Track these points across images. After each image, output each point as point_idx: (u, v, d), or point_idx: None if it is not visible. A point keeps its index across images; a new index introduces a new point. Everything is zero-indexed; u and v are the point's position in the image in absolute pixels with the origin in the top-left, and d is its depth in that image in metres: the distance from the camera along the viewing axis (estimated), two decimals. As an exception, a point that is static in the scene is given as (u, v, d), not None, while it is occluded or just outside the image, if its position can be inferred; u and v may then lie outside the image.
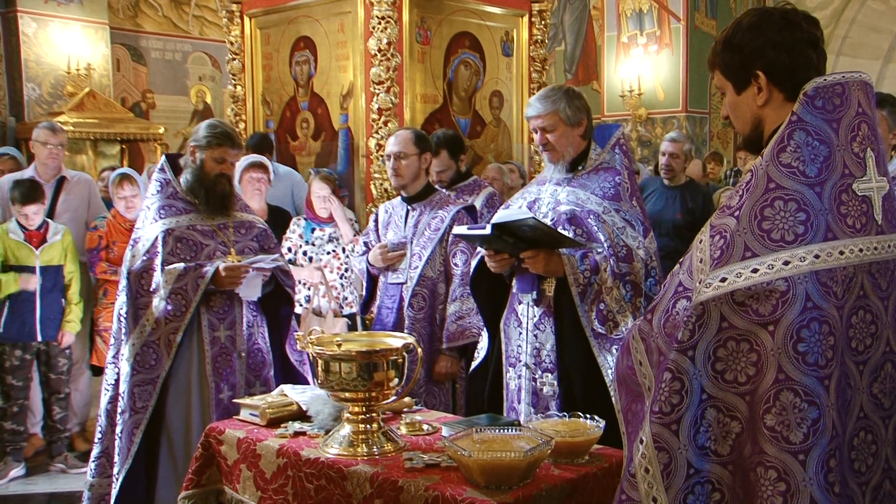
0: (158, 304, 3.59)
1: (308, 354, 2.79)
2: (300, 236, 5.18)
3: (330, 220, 5.20)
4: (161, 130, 10.82)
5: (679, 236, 5.40)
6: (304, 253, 5.15)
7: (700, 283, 1.70)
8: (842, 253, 1.68)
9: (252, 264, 3.68)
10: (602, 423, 2.51)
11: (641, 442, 1.73)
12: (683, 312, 1.71)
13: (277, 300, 3.93)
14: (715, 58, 1.95)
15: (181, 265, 3.61)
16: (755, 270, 1.66)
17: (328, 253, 5.14)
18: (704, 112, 12.24)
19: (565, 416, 2.61)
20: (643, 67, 12.07)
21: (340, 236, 5.21)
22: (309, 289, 5.13)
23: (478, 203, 4.81)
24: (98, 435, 3.78)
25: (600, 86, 13.09)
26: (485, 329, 3.57)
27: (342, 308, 5.17)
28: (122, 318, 3.69)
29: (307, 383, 3.87)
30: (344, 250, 5.18)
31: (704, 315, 1.68)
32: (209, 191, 3.75)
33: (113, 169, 6.71)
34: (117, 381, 3.70)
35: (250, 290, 3.74)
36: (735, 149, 12.35)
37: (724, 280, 1.67)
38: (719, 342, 1.68)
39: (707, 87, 12.21)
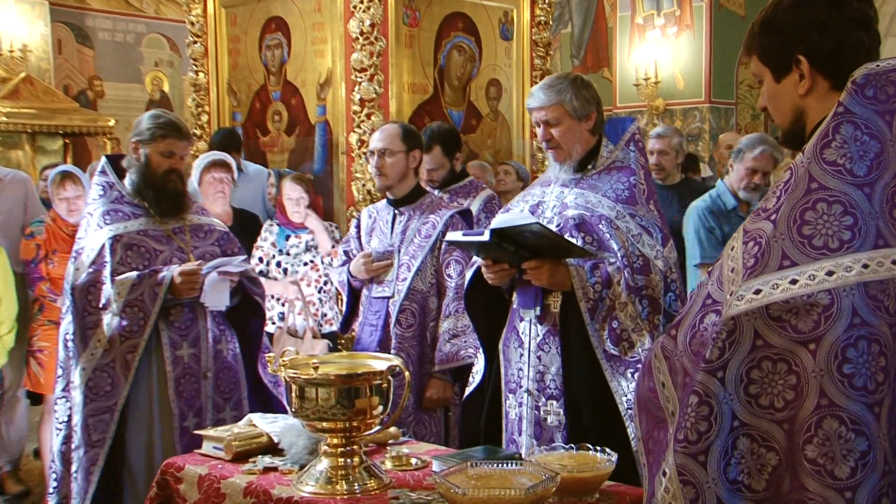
0: (111, 320, 3.58)
1: (282, 378, 2.79)
2: (273, 244, 5.17)
3: (303, 226, 5.20)
4: (111, 123, 10.77)
5: (680, 243, 5.41)
6: (279, 264, 5.14)
7: (731, 295, 1.69)
8: (895, 262, 1.68)
9: (217, 267, 3.69)
10: (614, 457, 2.51)
11: (664, 474, 1.73)
12: (712, 328, 1.70)
13: (246, 312, 3.94)
14: (752, 40, 1.93)
15: (134, 274, 3.61)
16: (794, 281, 1.65)
17: (305, 264, 5.14)
18: (731, 103, 12.26)
19: (572, 448, 2.61)
20: (660, 52, 12.11)
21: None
22: (283, 305, 5.11)
23: (474, 207, 4.82)
24: (53, 483, 3.77)
25: (612, 73, 13.13)
26: (481, 350, 3.58)
27: (321, 326, 5.16)
28: (68, 343, 3.66)
29: (283, 408, 3.87)
30: (324, 261, 5.18)
31: (736, 331, 1.67)
32: (159, 190, 3.75)
33: (55, 167, 6.69)
34: (70, 418, 3.67)
35: (217, 297, 3.74)
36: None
37: (758, 292, 1.66)
38: (753, 362, 1.67)
39: (734, 75, 12.22)
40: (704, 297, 1.78)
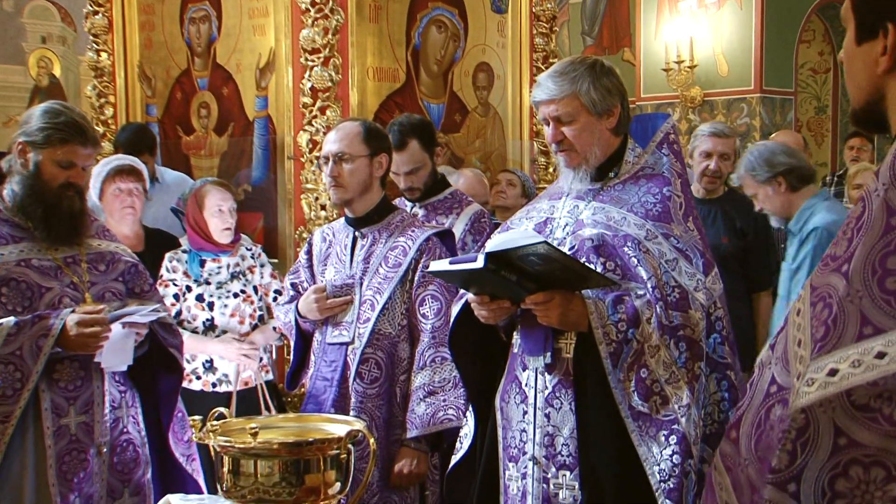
0: None
1: (210, 448, 2.79)
2: (185, 274, 5.13)
3: (230, 247, 5.17)
4: (-17, 117, 10.77)
5: (728, 270, 5.47)
6: (200, 297, 5.11)
7: (799, 378, 1.62)
8: None
9: (122, 318, 3.65)
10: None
11: None
12: (779, 425, 1.63)
13: (155, 367, 3.90)
14: None
15: (11, 320, 3.53)
16: (881, 355, 1.55)
17: (235, 295, 5.13)
18: (788, 93, 12.33)
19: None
20: (697, 28, 12.20)
21: (248, 270, 5.18)
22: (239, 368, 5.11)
23: (459, 226, 4.86)
24: None
25: (634, 55, 13.24)
26: (470, 408, 3.60)
27: (256, 376, 5.17)
28: None
29: (198, 490, 3.87)
30: (257, 290, 5.17)
31: (809, 428, 1.58)
32: (50, 209, 3.68)
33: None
34: None
35: (116, 355, 3.68)
36: (834, 142, 12.37)
37: (833, 373, 1.58)
38: (837, 469, 1.57)
39: (792, 57, 12.27)
40: (768, 381, 1.71)
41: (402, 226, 4.31)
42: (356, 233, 4.32)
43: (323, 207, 5.44)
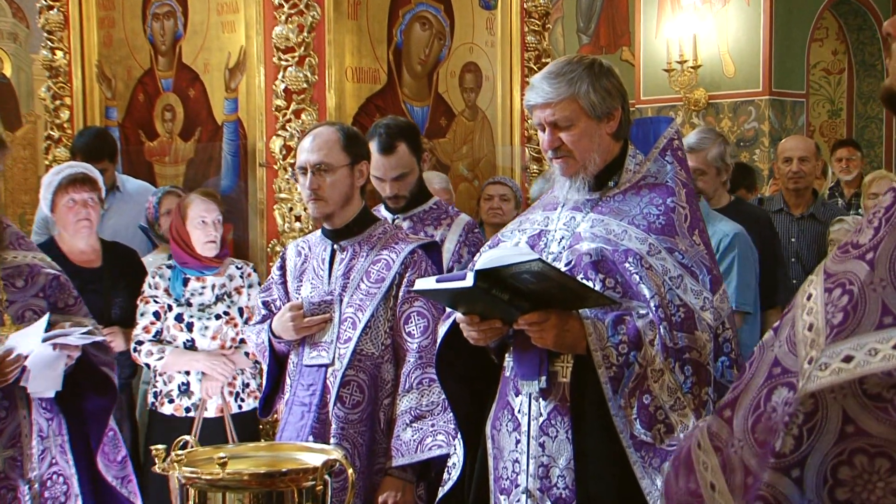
0: None
1: (174, 480, 2.78)
2: (167, 292, 5.14)
3: (217, 262, 5.18)
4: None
5: None
6: (179, 318, 5.12)
7: (810, 362, 1.68)
8: None
9: (52, 339, 3.60)
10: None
11: None
12: (784, 408, 1.68)
13: (82, 386, 3.86)
14: None
15: None
16: None
17: (218, 317, 5.13)
18: (799, 95, 12.35)
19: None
20: (701, 25, 12.23)
21: (234, 291, 5.19)
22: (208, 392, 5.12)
23: (451, 239, 4.87)
24: None
25: (633, 55, 13.27)
26: (458, 435, 3.60)
27: (242, 401, 5.17)
28: None
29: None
30: (242, 312, 5.18)
31: (818, 413, 1.64)
32: None
33: None
34: None
35: (45, 380, 3.64)
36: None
37: (848, 359, 1.64)
38: (841, 456, 1.63)
39: (804, 57, 12.30)
40: (770, 363, 1.77)
41: (385, 238, 4.29)
42: (334, 246, 4.30)
43: (297, 219, 5.44)
